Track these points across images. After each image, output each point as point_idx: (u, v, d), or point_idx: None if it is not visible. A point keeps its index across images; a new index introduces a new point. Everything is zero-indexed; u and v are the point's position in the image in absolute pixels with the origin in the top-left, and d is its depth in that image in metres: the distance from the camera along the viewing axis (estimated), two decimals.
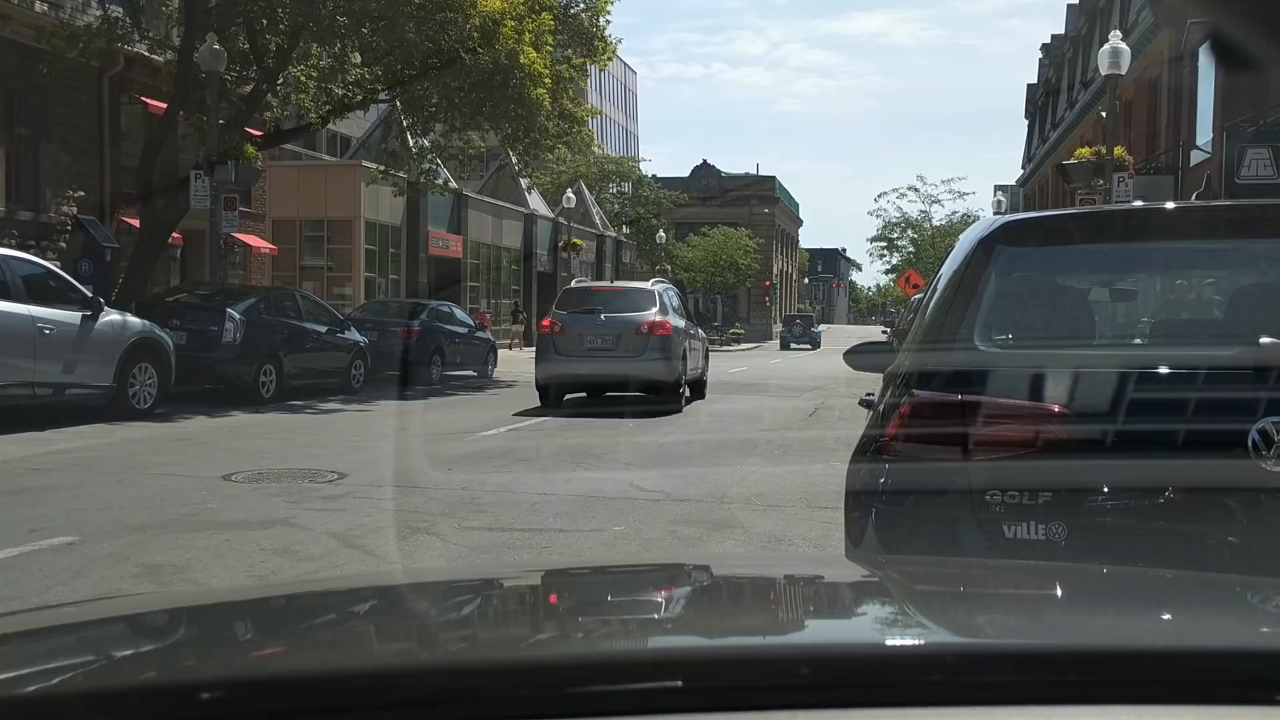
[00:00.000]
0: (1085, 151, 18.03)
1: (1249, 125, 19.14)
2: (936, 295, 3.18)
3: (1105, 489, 2.66)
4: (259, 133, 19.77)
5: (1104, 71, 17.17)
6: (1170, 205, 3.54)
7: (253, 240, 26.13)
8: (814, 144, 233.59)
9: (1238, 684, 1.04)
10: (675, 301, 16.04)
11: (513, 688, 1.05)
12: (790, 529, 6.96)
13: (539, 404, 14.89)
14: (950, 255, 3.34)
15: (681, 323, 15.49)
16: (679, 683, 1.03)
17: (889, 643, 1.23)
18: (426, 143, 22.42)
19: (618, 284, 18.95)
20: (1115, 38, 16.63)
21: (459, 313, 23.14)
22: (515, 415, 14.13)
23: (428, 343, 20.16)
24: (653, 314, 14.65)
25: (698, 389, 16.43)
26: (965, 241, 3.24)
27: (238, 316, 15.07)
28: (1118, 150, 16.97)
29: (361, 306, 24.27)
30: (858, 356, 4.40)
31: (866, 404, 3.69)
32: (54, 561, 5.75)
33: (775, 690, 1.03)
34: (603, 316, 14.71)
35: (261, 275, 27.32)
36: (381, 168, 23.46)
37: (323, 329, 17.28)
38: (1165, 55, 25.37)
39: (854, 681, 1.05)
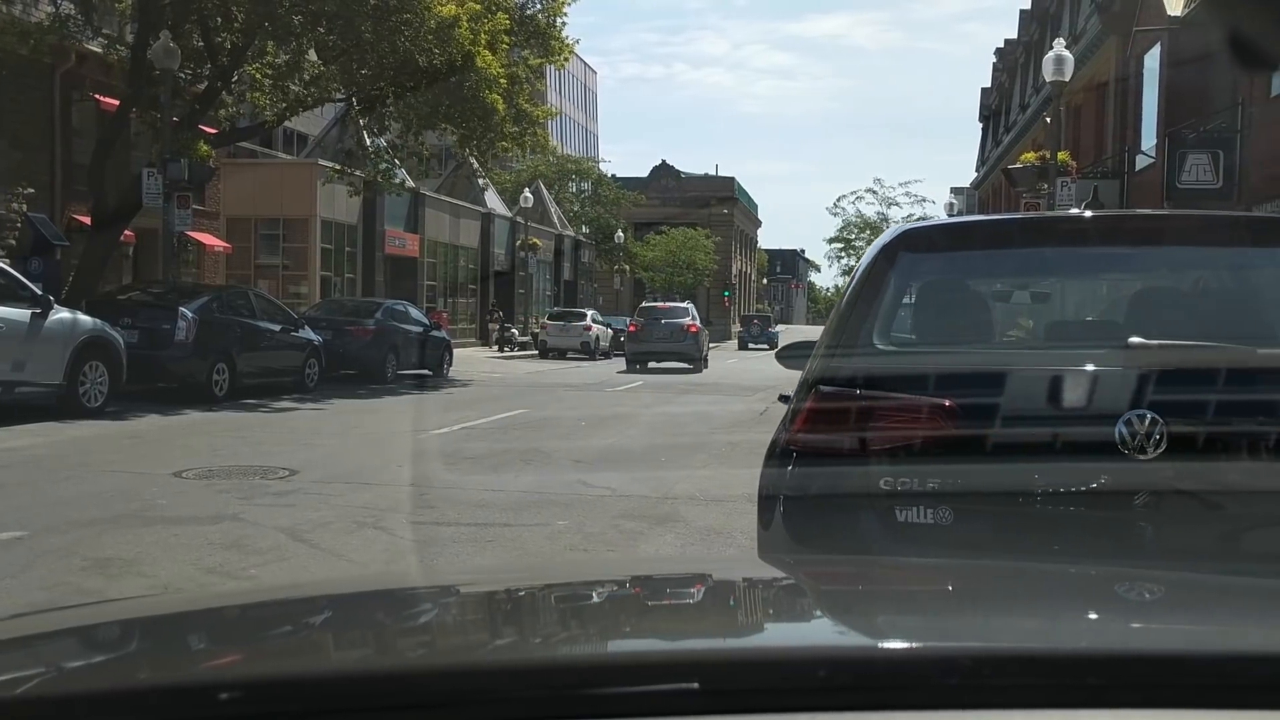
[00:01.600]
0: (1030, 156, 18.45)
1: (1190, 132, 19.62)
2: (844, 298, 3.39)
3: (988, 477, 2.88)
4: (213, 130, 19.72)
5: (1048, 78, 17.59)
6: (1061, 214, 3.78)
7: (207, 238, 26.01)
8: (774, 145, 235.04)
9: (1256, 688, 1.03)
10: (696, 311, 30.31)
11: (529, 689, 1.05)
12: (731, 523, 7.15)
13: (625, 368, 27.27)
14: (860, 260, 3.55)
15: (700, 324, 29.29)
16: (695, 685, 1.03)
17: (907, 645, 1.23)
18: (383, 142, 22.44)
19: (669, 303, 32.33)
20: (1059, 45, 17.05)
21: (414, 312, 23.19)
22: (468, 414, 14.26)
23: (382, 342, 20.21)
24: (689, 319, 28.28)
25: (705, 359, 29.26)
26: (872, 248, 3.46)
27: (190, 315, 15.05)
28: (1061, 155, 17.38)
29: (317, 305, 24.23)
30: (788, 359, 4.61)
31: (785, 400, 3.89)
32: (1, 556, 5.83)
33: (792, 693, 1.02)
34: (663, 321, 27.88)
35: (215, 273, 27.20)
36: (337, 167, 23.44)
37: (277, 328, 17.28)
38: (1113, 62, 25.94)
39: (871, 684, 1.05)
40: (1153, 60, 22.56)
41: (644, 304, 33.18)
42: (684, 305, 30.58)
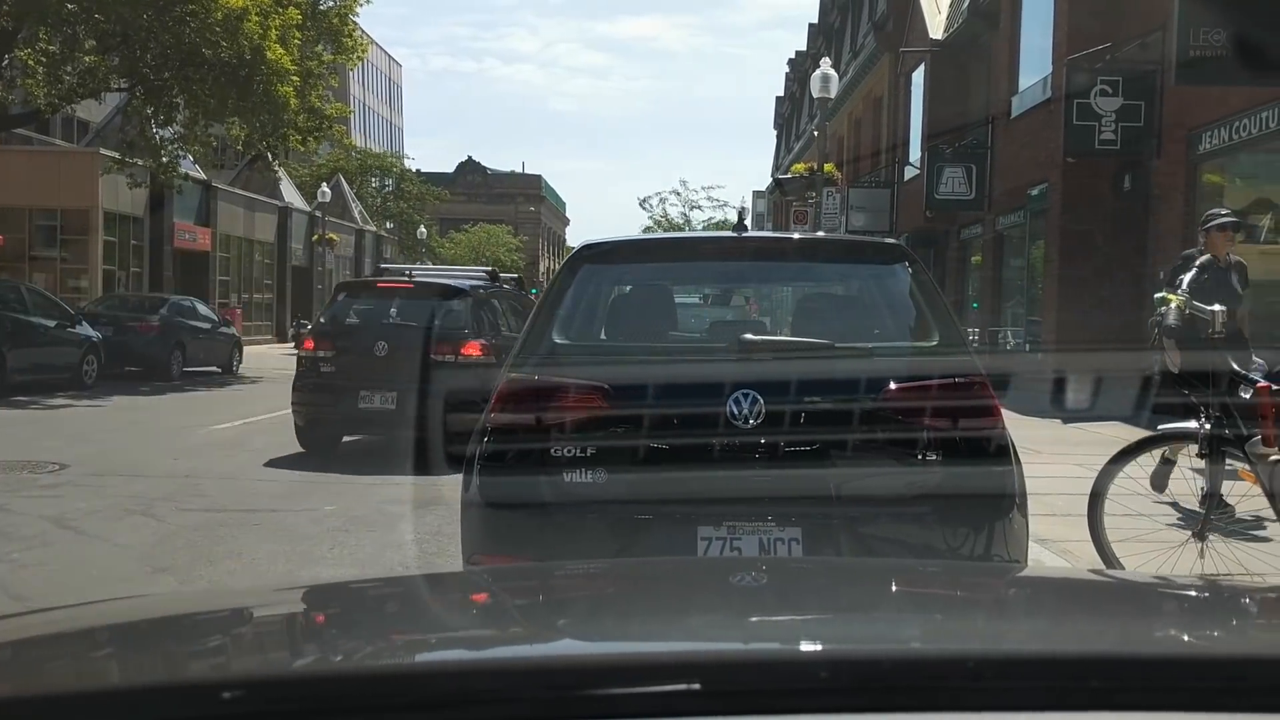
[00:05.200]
0: (800, 167, 19.82)
1: (947, 146, 21.42)
2: (538, 301, 4.07)
3: (631, 443, 3.60)
4: None
5: (815, 94, 18.92)
6: (714, 234, 4.60)
7: None
8: (585, 143, 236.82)
9: (1260, 691, 1.04)
10: None
11: (531, 689, 1.05)
12: None
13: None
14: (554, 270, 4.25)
15: None
16: (697, 685, 1.03)
17: (909, 647, 1.22)
18: (168, 133, 21.93)
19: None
20: (825, 64, 18.38)
21: (201, 307, 22.76)
22: (253, 409, 14.34)
23: (168, 338, 19.82)
24: None
25: None
26: (564, 261, 4.16)
27: None
28: (828, 167, 18.76)
29: (98, 300, 23.43)
30: None
31: None
32: None
33: (793, 694, 1.03)
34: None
35: None
36: (118, 156, 22.74)
37: (51, 323, 16.82)
38: (886, 78, 27.91)
39: (873, 686, 1.04)
40: (919, 78, 24.47)
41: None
42: None
